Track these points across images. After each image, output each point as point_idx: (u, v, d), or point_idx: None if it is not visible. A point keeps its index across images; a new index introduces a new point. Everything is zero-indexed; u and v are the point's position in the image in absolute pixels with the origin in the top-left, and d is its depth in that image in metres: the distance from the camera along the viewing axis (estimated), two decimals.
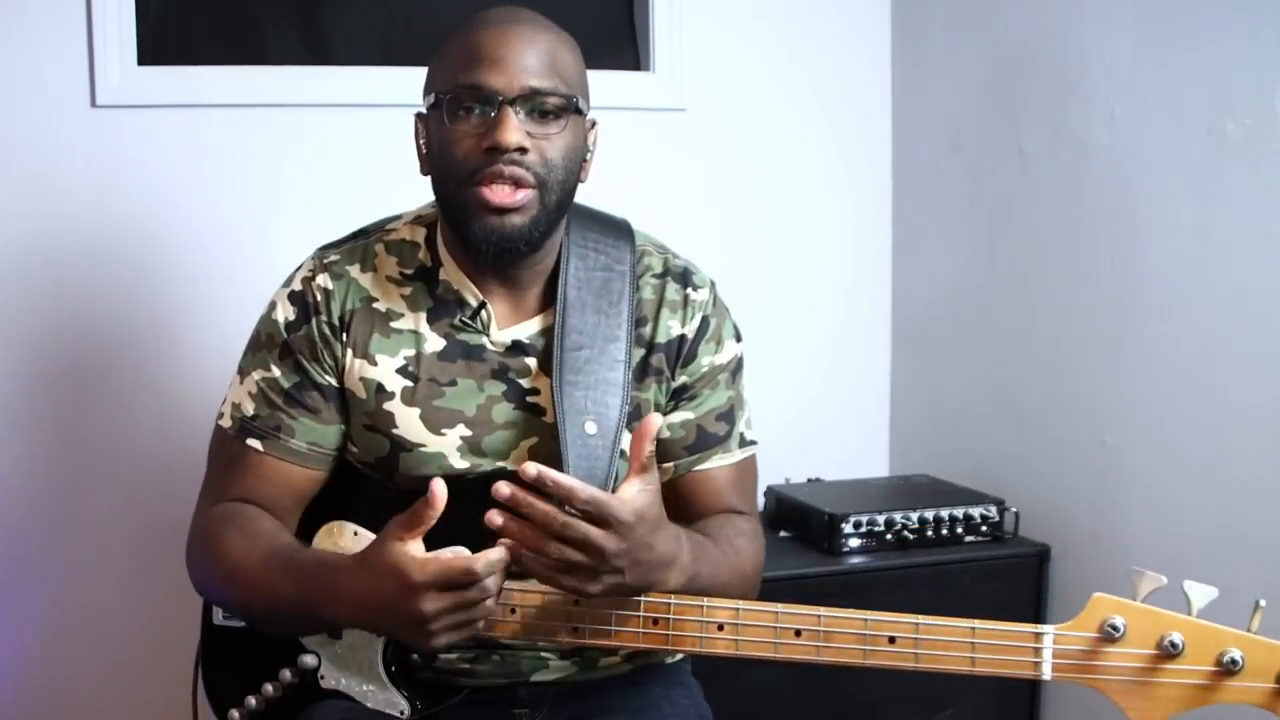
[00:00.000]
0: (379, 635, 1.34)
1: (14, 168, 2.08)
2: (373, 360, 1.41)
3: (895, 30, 2.54)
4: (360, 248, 1.45)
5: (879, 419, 2.62)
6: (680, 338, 1.45)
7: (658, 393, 1.44)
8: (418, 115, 1.41)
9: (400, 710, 1.37)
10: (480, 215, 1.31)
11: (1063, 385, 2.16)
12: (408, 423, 1.40)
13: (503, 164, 1.29)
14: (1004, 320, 2.31)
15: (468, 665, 1.40)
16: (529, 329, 1.42)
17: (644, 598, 1.27)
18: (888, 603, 1.49)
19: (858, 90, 2.54)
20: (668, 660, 1.54)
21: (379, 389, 1.40)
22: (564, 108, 1.33)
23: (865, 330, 2.59)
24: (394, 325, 1.41)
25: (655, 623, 1.27)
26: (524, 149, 1.29)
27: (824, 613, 1.24)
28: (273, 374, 1.41)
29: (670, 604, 1.26)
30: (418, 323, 1.41)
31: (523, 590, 1.29)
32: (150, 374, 2.18)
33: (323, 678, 1.38)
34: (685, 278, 1.47)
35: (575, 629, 1.28)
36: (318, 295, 1.41)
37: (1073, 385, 2.14)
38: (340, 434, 1.43)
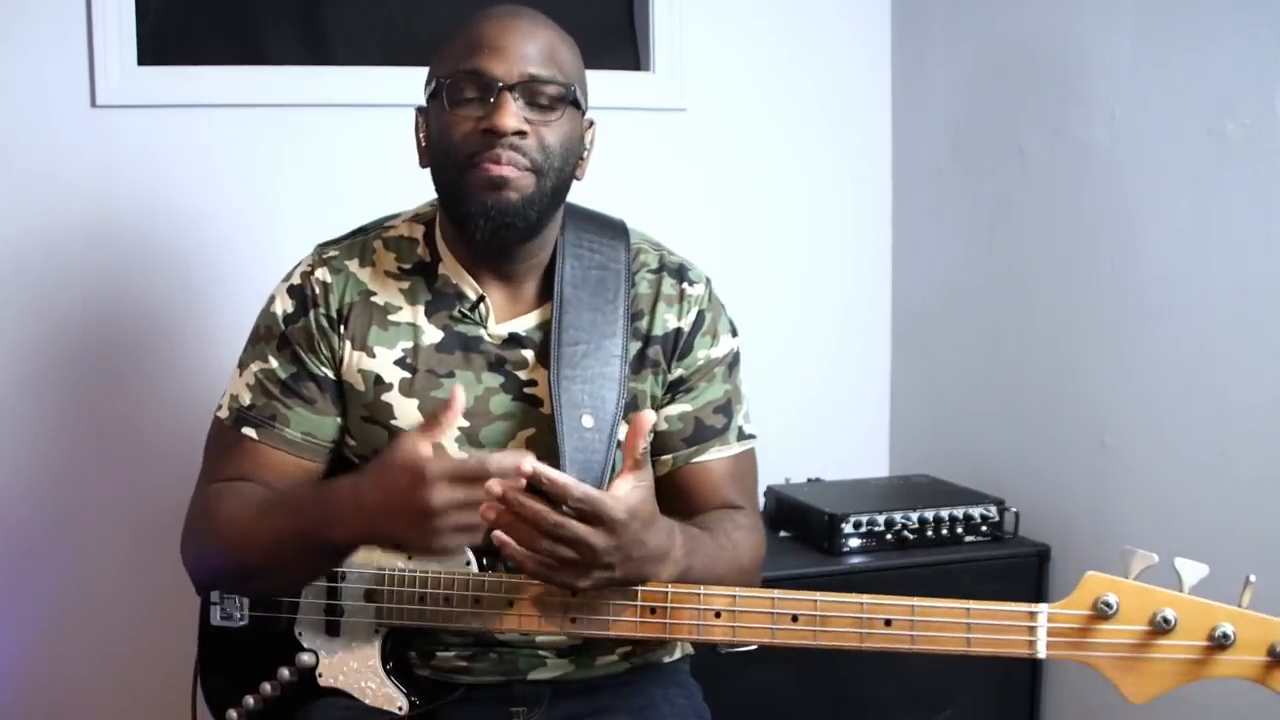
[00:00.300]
0: (379, 542, 1.31)
1: (14, 168, 2.08)
2: (371, 352, 1.42)
3: (895, 30, 2.54)
4: (359, 244, 1.47)
5: (879, 419, 2.63)
6: (676, 331, 1.46)
7: (654, 385, 1.45)
8: (418, 109, 1.43)
9: (399, 707, 1.37)
10: (478, 192, 1.32)
11: (1063, 385, 2.16)
12: (406, 414, 1.40)
13: (500, 148, 1.31)
14: (1004, 320, 2.31)
15: (465, 663, 1.41)
16: (526, 323, 1.43)
17: (641, 587, 1.27)
18: None
19: (858, 90, 2.54)
20: (665, 660, 1.54)
21: (377, 380, 1.41)
22: (561, 97, 1.35)
23: (865, 330, 2.60)
24: (392, 318, 1.43)
25: (653, 611, 1.28)
26: (522, 133, 1.31)
27: (820, 597, 1.25)
28: (270, 365, 1.42)
29: (668, 592, 1.27)
30: (415, 315, 1.43)
31: (519, 581, 1.30)
32: (150, 372, 2.19)
33: (321, 676, 1.38)
34: (681, 273, 1.49)
35: (573, 619, 1.29)
36: (316, 289, 1.43)
37: (1073, 385, 2.14)
38: (336, 427, 1.44)
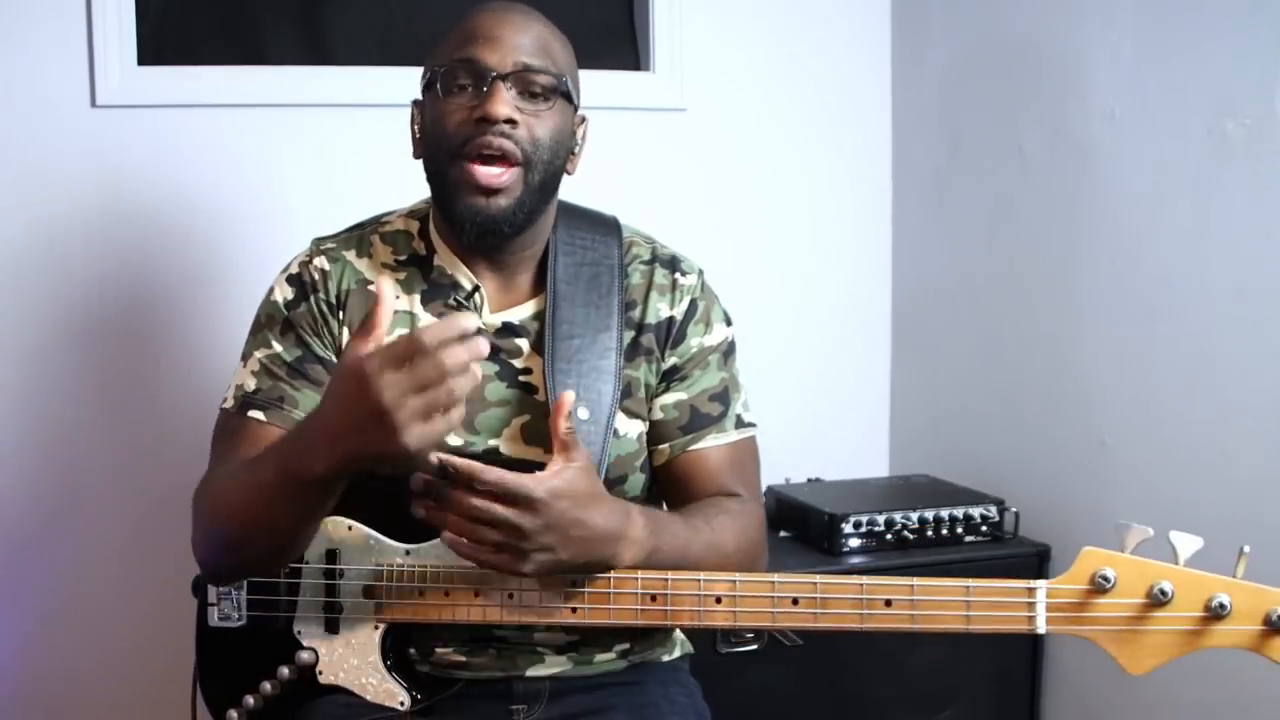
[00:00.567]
0: (359, 464, 1.15)
1: (14, 168, 2.08)
2: None
3: (895, 30, 2.54)
4: (356, 237, 1.49)
5: (879, 419, 2.63)
6: (669, 320, 1.47)
7: (648, 373, 1.46)
8: (414, 102, 1.44)
9: (400, 701, 1.37)
10: (466, 194, 1.34)
11: (1063, 385, 2.16)
12: None
13: (492, 135, 1.32)
14: (1004, 320, 2.31)
15: (463, 658, 1.41)
16: (521, 313, 1.45)
17: (640, 575, 1.27)
18: None
19: (858, 90, 2.54)
20: (664, 658, 1.54)
21: None
22: (554, 88, 1.37)
23: (865, 330, 2.60)
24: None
25: (653, 599, 1.27)
26: (513, 121, 1.33)
27: (820, 579, 1.26)
28: (274, 349, 1.43)
29: (667, 579, 1.27)
30: (412, 304, 1.44)
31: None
32: (150, 370, 2.19)
33: (321, 673, 1.38)
34: (673, 264, 1.50)
35: (574, 609, 1.29)
36: (315, 275, 1.44)
37: (1073, 385, 2.13)
38: None
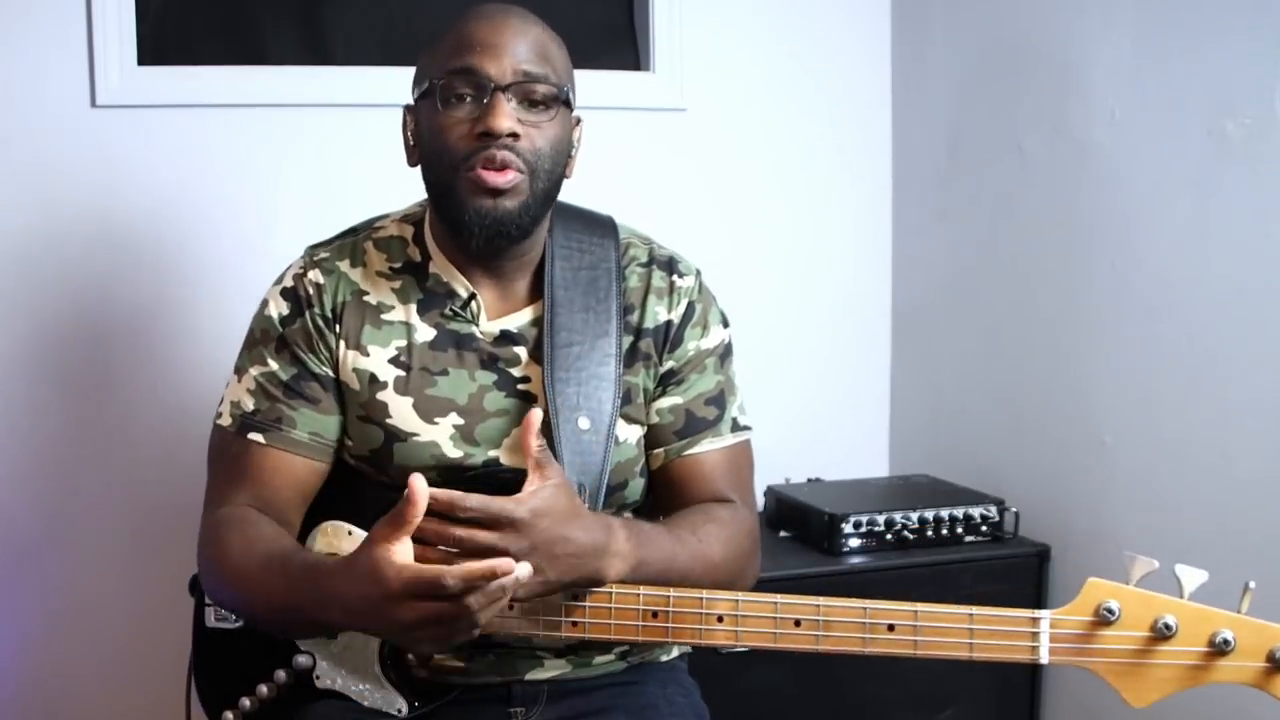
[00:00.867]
0: (375, 636, 1.34)
1: (14, 168, 2.08)
2: (365, 351, 1.42)
3: (895, 29, 2.54)
4: (349, 245, 1.47)
5: (879, 419, 2.62)
6: (667, 323, 1.46)
7: (646, 378, 1.45)
8: (406, 108, 1.43)
9: (398, 709, 1.37)
10: (473, 198, 1.33)
11: (1063, 385, 2.16)
12: (401, 412, 1.40)
13: (495, 149, 1.31)
14: (1004, 320, 2.31)
15: (462, 664, 1.41)
16: (518, 320, 1.44)
17: (642, 591, 1.27)
18: None
19: (858, 90, 2.54)
20: (663, 659, 1.54)
21: (372, 379, 1.41)
22: (554, 97, 1.35)
23: (865, 330, 2.59)
24: (385, 317, 1.43)
25: (655, 616, 1.27)
26: (516, 135, 1.32)
27: (823, 602, 1.25)
28: (270, 368, 1.42)
29: (669, 597, 1.27)
30: (408, 314, 1.43)
31: None
32: (149, 371, 2.19)
33: (318, 678, 1.38)
34: (671, 265, 1.49)
35: (575, 623, 1.29)
36: (309, 289, 1.43)
37: (1073, 385, 2.13)
38: (339, 425, 1.43)
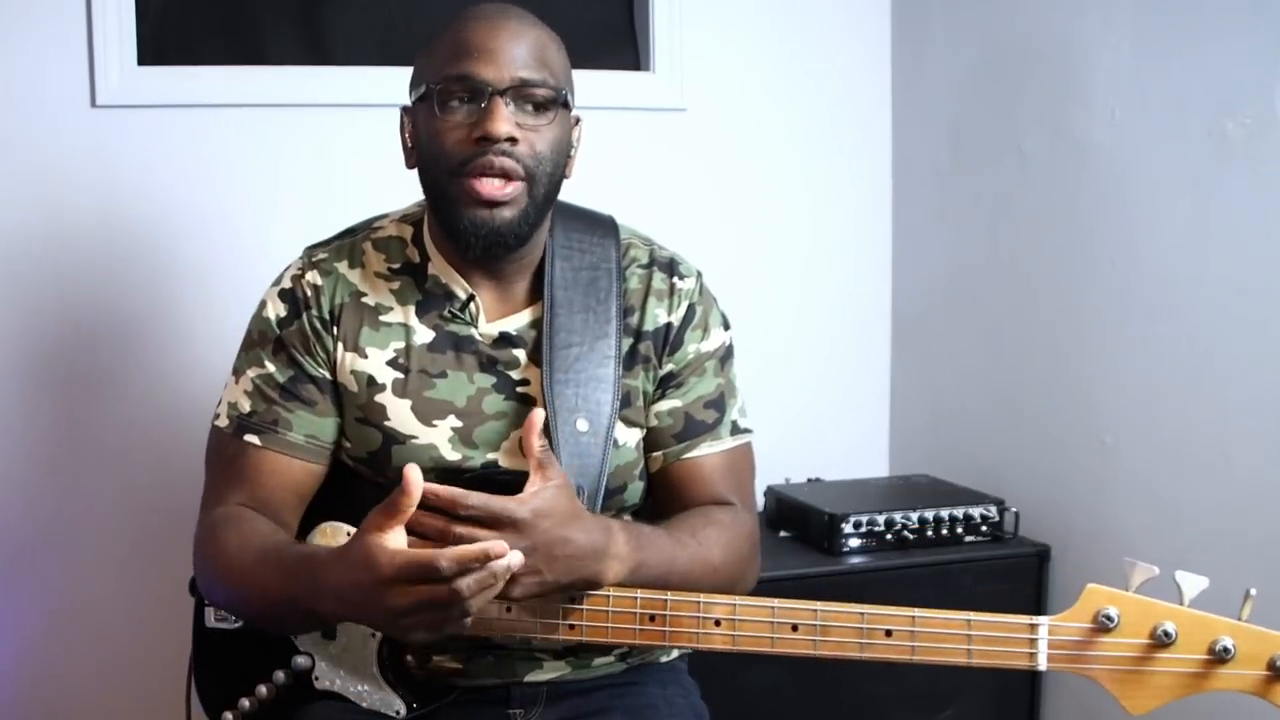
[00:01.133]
0: (366, 626, 1.32)
1: (14, 168, 2.08)
2: (363, 353, 1.41)
3: (895, 30, 2.54)
4: (348, 245, 1.47)
5: (879, 419, 2.62)
6: (667, 326, 1.45)
7: (645, 381, 1.44)
8: (403, 109, 1.42)
9: (396, 710, 1.37)
10: (470, 208, 1.32)
11: (1063, 385, 2.16)
12: (399, 414, 1.40)
13: (493, 155, 1.30)
14: (1004, 320, 2.31)
15: (461, 665, 1.41)
16: (517, 322, 1.43)
17: (640, 594, 1.27)
18: (887, 603, 1.46)
19: (858, 90, 2.54)
20: (663, 659, 1.54)
21: (370, 381, 1.41)
22: (553, 100, 1.34)
23: (865, 330, 2.59)
24: (383, 319, 1.42)
25: (652, 619, 1.27)
26: (514, 139, 1.31)
27: (820, 607, 1.25)
28: (267, 370, 1.42)
29: (666, 600, 1.27)
30: (407, 316, 1.42)
31: None
32: (149, 371, 2.19)
33: (317, 679, 1.38)
34: (671, 267, 1.48)
35: (572, 626, 1.28)
36: (307, 291, 1.43)
37: (1073, 385, 2.13)
38: (336, 427, 1.43)
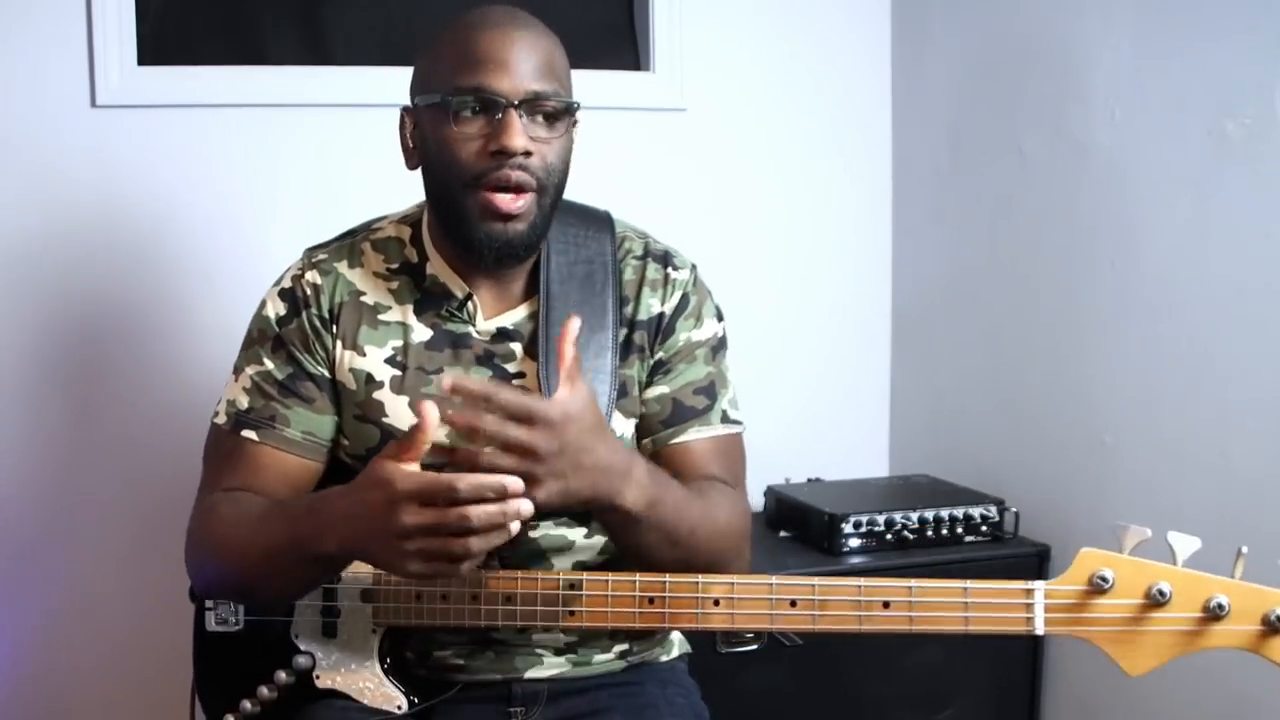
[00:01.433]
0: (365, 561, 1.26)
1: (14, 168, 2.08)
2: (361, 351, 1.43)
3: (895, 30, 2.54)
4: (347, 246, 1.48)
5: (879, 419, 2.62)
6: (659, 315, 1.46)
7: (640, 370, 1.45)
8: (404, 109, 1.42)
9: (397, 706, 1.37)
10: (484, 221, 1.34)
11: (1063, 385, 2.16)
12: (397, 411, 1.41)
13: (509, 168, 1.31)
14: (1004, 320, 2.31)
15: (462, 661, 1.41)
16: (514, 317, 1.44)
17: (637, 577, 1.27)
18: None
19: (858, 90, 2.54)
20: (663, 659, 1.54)
21: (368, 379, 1.42)
22: (563, 111, 1.36)
23: (865, 330, 2.60)
24: (382, 317, 1.44)
25: (651, 601, 1.27)
26: (528, 153, 1.32)
27: (818, 581, 1.26)
28: (266, 367, 1.43)
29: (665, 582, 1.27)
30: (405, 314, 1.44)
31: (516, 578, 1.30)
32: (149, 371, 2.19)
33: (318, 677, 1.38)
34: (666, 258, 1.49)
35: (572, 613, 1.29)
36: (307, 290, 1.44)
37: (1073, 385, 2.13)
38: (334, 425, 1.44)
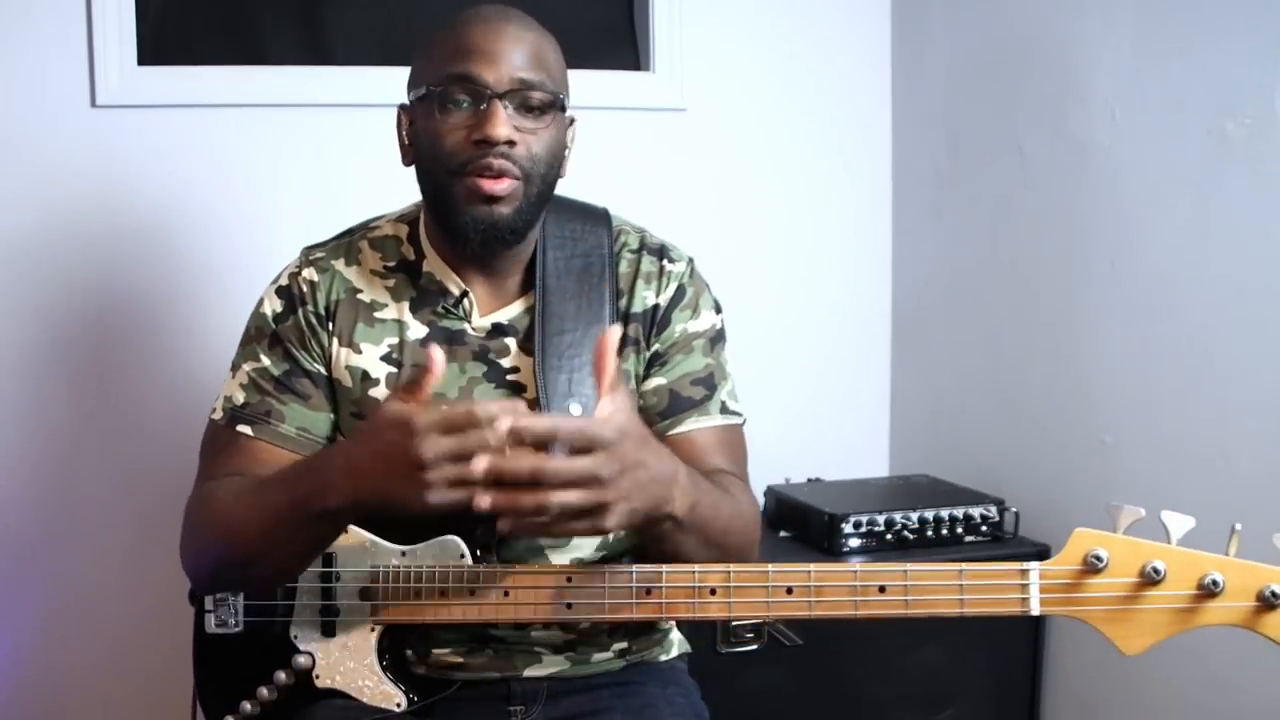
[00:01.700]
0: (374, 505, 1.21)
1: (14, 168, 2.09)
2: (357, 349, 1.43)
3: (895, 30, 2.54)
4: (344, 244, 1.49)
5: (879, 419, 2.63)
6: (654, 307, 1.46)
7: (636, 363, 1.45)
8: (401, 107, 1.44)
9: (397, 704, 1.37)
10: (470, 204, 1.34)
11: (1063, 385, 2.16)
12: None
13: (492, 157, 1.33)
14: (1004, 320, 2.31)
15: (461, 659, 1.41)
16: (509, 312, 1.45)
17: (634, 568, 1.27)
18: None
19: (858, 90, 2.54)
20: (663, 658, 1.54)
21: (364, 376, 1.43)
22: (550, 103, 1.37)
23: (865, 330, 2.60)
24: (378, 315, 1.44)
25: (648, 592, 1.27)
26: (512, 142, 1.33)
27: (814, 568, 1.25)
28: (262, 363, 1.43)
29: (662, 572, 1.27)
30: (401, 312, 1.44)
31: (514, 571, 1.31)
32: (149, 370, 2.19)
33: (317, 677, 1.38)
34: (661, 252, 1.50)
35: (569, 605, 1.29)
36: (304, 287, 1.45)
37: (1073, 385, 2.13)
38: (330, 422, 1.45)
